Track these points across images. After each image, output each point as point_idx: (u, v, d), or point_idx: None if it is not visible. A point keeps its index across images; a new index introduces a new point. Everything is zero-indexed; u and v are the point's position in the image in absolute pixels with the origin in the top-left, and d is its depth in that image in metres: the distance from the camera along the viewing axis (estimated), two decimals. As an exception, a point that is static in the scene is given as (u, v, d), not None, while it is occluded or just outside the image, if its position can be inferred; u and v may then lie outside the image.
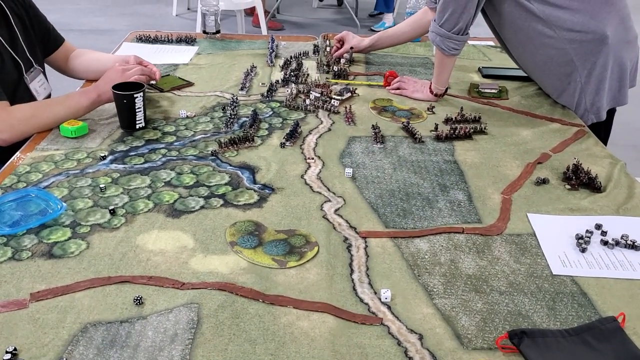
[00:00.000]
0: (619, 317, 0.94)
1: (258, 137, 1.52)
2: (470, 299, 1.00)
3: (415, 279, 1.04)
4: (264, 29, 4.54)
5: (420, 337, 0.91)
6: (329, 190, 1.30)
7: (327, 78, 1.91)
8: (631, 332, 0.93)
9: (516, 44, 1.72)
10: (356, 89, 1.82)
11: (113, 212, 1.17)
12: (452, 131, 1.56)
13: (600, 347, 0.90)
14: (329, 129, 1.59)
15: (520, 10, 1.61)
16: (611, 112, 1.76)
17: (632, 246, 1.13)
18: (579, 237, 1.15)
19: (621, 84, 1.69)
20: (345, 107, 1.69)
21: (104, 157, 1.37)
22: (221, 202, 1.23)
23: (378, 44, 2.08)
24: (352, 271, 1.05)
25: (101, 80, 1.54)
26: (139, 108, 1.49)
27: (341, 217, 1.21)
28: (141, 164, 1.36)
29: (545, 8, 1.59)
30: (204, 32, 2.28)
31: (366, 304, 0.98)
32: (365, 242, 1.14)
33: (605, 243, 1.14)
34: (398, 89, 1.83)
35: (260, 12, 4.56)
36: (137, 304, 0.95)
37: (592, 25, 1.59)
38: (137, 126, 1.51)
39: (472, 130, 1.58)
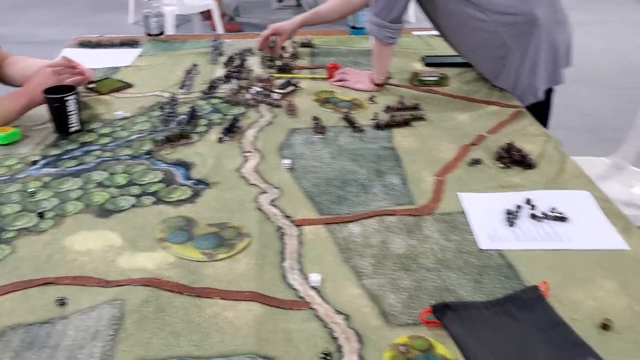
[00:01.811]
0: (543, 286, 0.96)
1: (196, 133, 1.51)
2: (399, 277, 1.00)
3: (345, 262, 1.04)
4: (221, 32, 4.52)
5: (347, 318, 0.91)
6: (266, 182, 1.30)
7: (270, 73, 1.91)
8: (554, 299, 0.95)
9: (451, 30, 1.74)
10: (299, 82, 1.82)
11: (41, 216, 1.15)
12: (391, 119, 1.58)
13: (522, 316, 0.91)
14: (270, 123, 1.58)
15: (452, -5, 1.63)
16: (550, 92, 1.79)
17: (559, 218, 1.15)
18: (508, 213, 1.17)
19: (555, 64, 1.72)
20: (287, 100, 1.69)
21: (35, 162, 1.35)
22: (153, 199, 1.22)
23: (309, 22, 2.05)
24: (283, 259, 1.05)
25: (30, 83, 1.52)
26: (72, 111, 1.46)
27: (276, 207, 1.21)
28: (74, 166, 1.34)
29: (476, -8, 1.61)
30: (148, 34, 2.26)
31: (295, 289, 0.98)
32: (300, 230, 1.13)
33: (534, 216, 1.16)
34: (341, 80, 1.84)
35: (216, 15, 4.54)
36: (59, 304, 0.93)
37: (522, 7, 1.62)
38: (72, 129, 1.48)
39: (410, 117, 1.59)
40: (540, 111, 1.74)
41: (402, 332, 0.89)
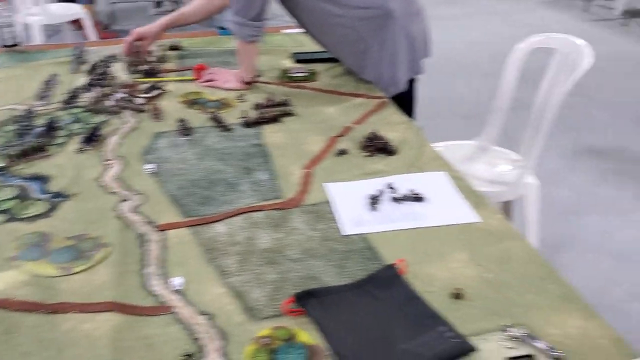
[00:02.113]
0: (400, 264, 0.99)
1: (54, 145, 1.43)
2: (264, 272, 1.01)
3: (210, 262, 1.03)
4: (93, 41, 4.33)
5: (210, 317, 0.90)
6: (128, 189, 1.26)
7: (135, 78, 1.85)
8: (412, 275, 0.99)
9: (313, 27, 1.77)
10: (165, 85, 1.78)
11: None
12: (260, 116, 1.58)
13: (381, 294, 0.94)
14: (134, 128, 1.54)
15: (308, -8, 1.66)
16: (412, 82, 1.87)
17: (417, 198, 1.20)
18: (371, 198, 1.21)
19: (414, 55, 1.79)
20: (153, 105, 1.65)
21: None
22: (5, 217, 1.15)
23: (173, 24, 2.01)
24: (145, 266, 1.02)
25: None
26: None
27: (139, 214, 1.17)
28: None
29: (331, -12, 1.65)
30: (4, 45, 2.12)
31: (157, 295, 0.95)
32: (163, 235, 1.11)
33: (395, 199, 1.21)
34: (209, 81, 1.82)
35: (87, 24, 4.34)
36: None
37: (376, 1, 1.68)
38: None
39: (279, 113, 1.61)
40: (405, 101, 1.81)
41: (267, 324, 0.89)
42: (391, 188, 1.24)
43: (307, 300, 0.91)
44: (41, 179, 1.28)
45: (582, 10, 5.94)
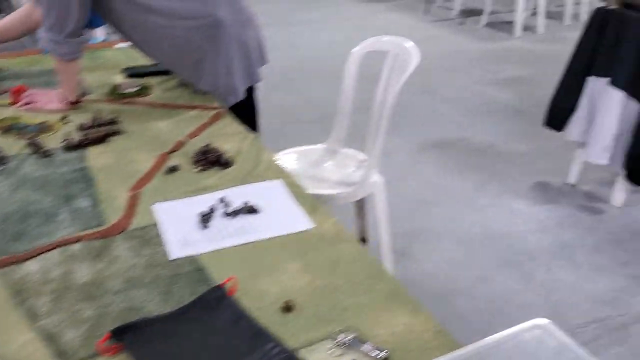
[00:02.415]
0: (230, 283, 0.95)
1: None
2: (80, 309, 0.92)
3: (18, 306, 0.93)
4: None
5: (15, 370, 0.81)
6: None
7: (-60, 106, 1.66)
8: (243, 292, 0.95)
9: (140, 40, 1.68)
10: (-25, 112, 1.61)
11: None
12: (84, 137, 1.47)
13: (207, 318, 0.89)
14: (-64, 163, 1.36)
15: (130, 5, 1.57)
16: (252, 90, 1.84)
17: (251, 210, 1.17)
18: (202, 215, 1.16)
19: (249, 63, 1.76)
20: (-41, 135, 1.48)
21: None
22: None
23: None
24: (-62, 320, 0.89)
25: None
26: None
27: (-64, 260, 1.03)
28: None
29: (152, 0, 1.57)
30: None
31: (-50, 353, 0.84)
32: (-36, 281, 0.98)
33: (227, 214, 1.16)
34: (29, 103, 1.67)
35: None
36: None
37: (203, 11, 1.63)
38: None
39: (107, 132, 1.50)
40: (246, 110, 1.78)
41: (81, 368, 0.81)
42: (224, 202, 1.20)
43: (124, 335, 0.85)
44: None
45: (424, 12, 6.30)
